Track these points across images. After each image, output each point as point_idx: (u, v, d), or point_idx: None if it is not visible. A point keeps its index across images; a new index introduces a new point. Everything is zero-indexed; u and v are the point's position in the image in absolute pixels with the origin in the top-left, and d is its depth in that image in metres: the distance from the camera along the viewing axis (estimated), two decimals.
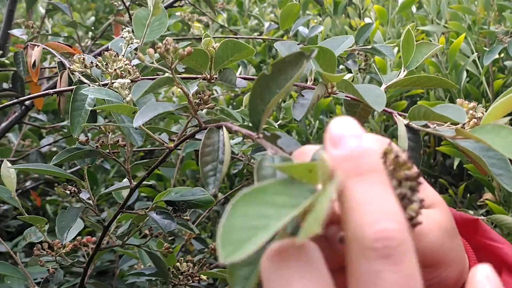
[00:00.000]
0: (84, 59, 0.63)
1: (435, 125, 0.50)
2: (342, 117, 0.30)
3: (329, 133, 0.30)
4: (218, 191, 1.29)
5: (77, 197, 0.63)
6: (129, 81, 0.53)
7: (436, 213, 0.39)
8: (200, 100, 0.53)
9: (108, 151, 0.60)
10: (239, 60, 0.60)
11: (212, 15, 1.58)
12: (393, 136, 1.75)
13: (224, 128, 0.46)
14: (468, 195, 1.40)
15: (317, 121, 1.61)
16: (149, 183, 1.02)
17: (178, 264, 0.75)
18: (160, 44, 0.48)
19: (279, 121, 1.30)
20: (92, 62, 0.63)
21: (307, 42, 1.23)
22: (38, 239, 0.75)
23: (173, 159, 1.22)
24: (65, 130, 1.22)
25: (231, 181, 1.41)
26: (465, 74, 1.30)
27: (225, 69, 0.60)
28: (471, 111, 0.48)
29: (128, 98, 0.53)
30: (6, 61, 0.94)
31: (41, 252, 0.66)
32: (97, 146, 0.58)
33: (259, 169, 0.36)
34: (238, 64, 1.60)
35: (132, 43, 0.66)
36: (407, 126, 0.50)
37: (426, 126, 0.51)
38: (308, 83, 0.58)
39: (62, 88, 0.64)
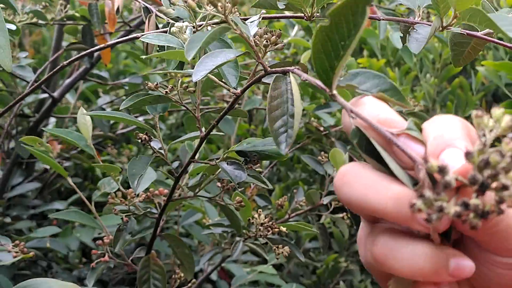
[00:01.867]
0: None
1: None
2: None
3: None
4: None
5: (149, 146, 0.62)
6: (187, 23, 0.50)
7: None
8: (267, 41, 0.49)
9: (178, 97, 0.58)
10: None
11: None
12: (445, 103, 1.71)
13: (291, 75, 0.41)
14: None
15: None
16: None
17: (256, 216, 0.75)
18: None
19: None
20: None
21: None
22: (112, 190, 0.76)
23: (233, 120, 1.20)
24: (126, 88, 1.22)
25: None
26: None
27: (329, 4, 0.55)
28: None
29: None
30: (76, 14, 0.94)
31: (115, 201, 0.67)
32: (166, 92, 0.57)
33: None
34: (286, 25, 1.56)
35: None
36: None
37: None
38: (417, 18, 0.55)
39: (151, 31, 0.63)
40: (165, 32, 0.56)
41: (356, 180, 0.34)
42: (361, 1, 0.31)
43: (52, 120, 1.31)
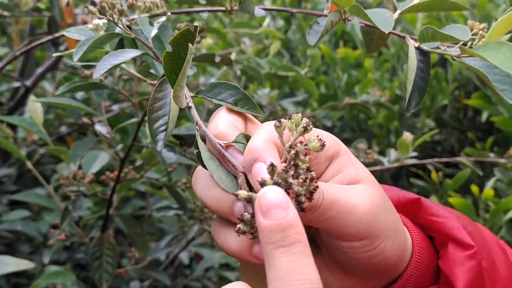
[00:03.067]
0: None
1: (445, 46, 0.51)
2: (272, 187, 0.33)
3: (259, 202, 0.33)
4: None
5: (92, 129, 0.67)
6: (105, 21, 0.54)
7: (365, 187, 0.41)
8: None
9: (116, 86, 0.63)
10: None
11: None
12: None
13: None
14: (496, 148, 1.40)
15: (345, 75, 1.62)
16: None
17: None
18: None
19: (305, 69, 1.32)
20: None
21: None
22: (69, 173, 0.81)
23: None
24: None
25: None
26: None
27: None
28: (481, 32, 0.49)
29: None
30: (41, 6, 0.98)
31: (65, 181, 0.71)
32: (100, 80, 0.61)
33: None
34: (264, 16, 1.60)
35: None
36: (417, 48, 0.51)
37: (437, 48, 0.52)
38: (325, 11, 0.59)
39: (90, 25, 0.67)
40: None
41: (198, 181, 0.41)
42: (187, 37, 0.38)
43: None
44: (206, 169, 0.39)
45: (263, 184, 0.34)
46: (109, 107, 1.29)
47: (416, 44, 0.50)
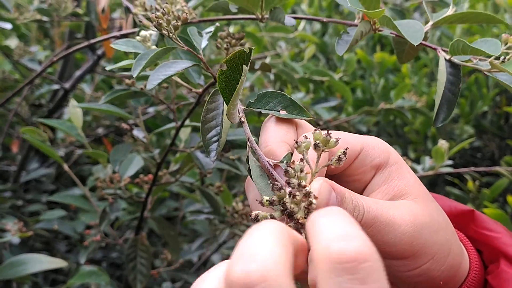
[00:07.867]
0: (144, 2, 0.66)
1: (478, 60, 0.51)
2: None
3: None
4: None
5: (130, 134, 0.68)
6: (154, 32, 0.55)
7: (410, 204, 0.39)
8: (228, 45, 0.54)
9: (154, 93, 0.64)
10: None
11: None
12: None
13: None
14: None
15: (382, 79, 1.60)
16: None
17: (234, 204, 0.80)
18: (154, 14, 0.49)
19: (340, 73, 1.31)
20: (151, 6, 0.66)
21: None
22: (105, 175, 0.82)
23: None
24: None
25: None
26: None
27: (275, 8, 0.60)
28: None
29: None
30: (80, 11, 1.01)
31: (103, 184, 0.73)
32: (141, 88, 0.62)
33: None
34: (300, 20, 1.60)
35: None
36: (448, 60, 0.51)
37: (469, 61, 0.51)
38: (356, 21, 0.58)
39: (126, 31, 0.68)
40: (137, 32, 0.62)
41: (250, 191, 0.42)
42: (242, 58, 0.39)
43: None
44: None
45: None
46: (145, 109, 1.31)
47: (447, 57, 0.49)
